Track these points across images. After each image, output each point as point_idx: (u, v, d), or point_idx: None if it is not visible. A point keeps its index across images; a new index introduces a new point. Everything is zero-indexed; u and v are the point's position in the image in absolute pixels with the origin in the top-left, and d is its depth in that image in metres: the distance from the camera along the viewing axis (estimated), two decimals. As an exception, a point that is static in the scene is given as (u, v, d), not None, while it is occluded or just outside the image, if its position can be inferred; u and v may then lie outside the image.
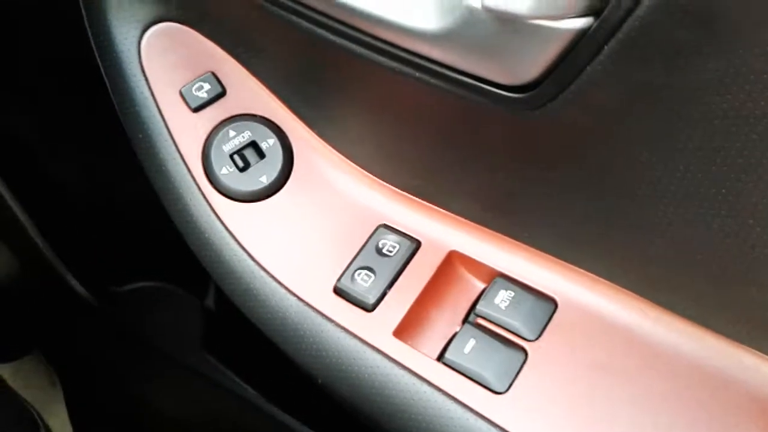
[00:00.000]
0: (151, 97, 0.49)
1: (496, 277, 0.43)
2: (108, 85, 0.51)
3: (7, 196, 0.74)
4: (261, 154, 0.48)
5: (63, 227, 0.79)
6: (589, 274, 0.41)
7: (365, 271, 0.44)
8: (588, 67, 0.31)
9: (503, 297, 0.42)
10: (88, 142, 0.75)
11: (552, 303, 0.41)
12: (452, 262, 0.44)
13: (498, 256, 0.43)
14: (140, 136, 0.50)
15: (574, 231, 0.40)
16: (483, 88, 0.35)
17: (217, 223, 0.47)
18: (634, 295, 0.40)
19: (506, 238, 0.43)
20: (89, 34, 0.50)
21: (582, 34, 0.30)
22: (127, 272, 0.81)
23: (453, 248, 0.44)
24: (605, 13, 0.29)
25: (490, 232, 0.43)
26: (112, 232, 0.79)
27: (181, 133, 0.49)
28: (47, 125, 0.74)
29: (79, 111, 0.70)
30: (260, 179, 0.47)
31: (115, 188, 0.78)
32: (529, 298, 0.41)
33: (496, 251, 0.43)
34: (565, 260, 0.41)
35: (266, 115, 0.49)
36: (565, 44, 0.31)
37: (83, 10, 0.50)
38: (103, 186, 0.79)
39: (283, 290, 0.45)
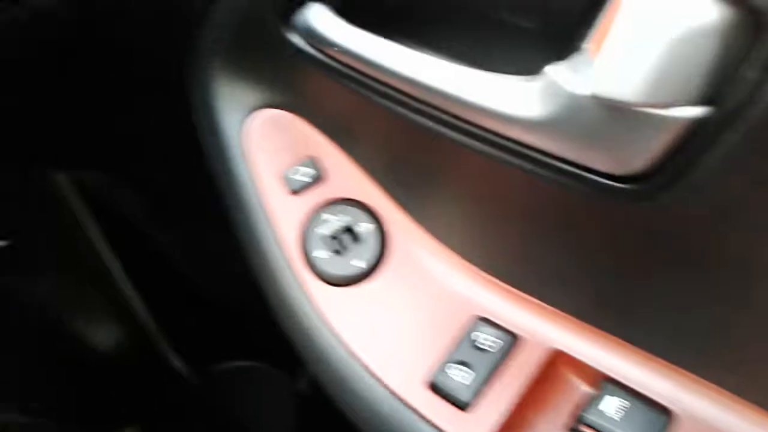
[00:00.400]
0: (252, 180, 0.50)
1: (603, 382, 0.39)
2: (212, 168, 0.52)
3: (120, 276, 0.77)
4: (357, 238, 0.47)
5: (168, 305, 0.81)
6: (709, 383, 0.37)
7: (460, 366, 0.42)
8: (704, 158, 0.28)
9: (612, 405, 0.38)
10: (195, 222, 0.77)
11: (666, 414, 0.37)
12: (555, 361, 0.41)
13: (605, 358, 0.39)
14: (240, 216, 0.50)
15: (690, 335, 0.36)
16: (587, 177, 0.33)
17: (310, 306, 0.47)
18: (762, 410, 0.35)
19: (614, 338, 0.39)
20: (195, 116, 0.53)
21: (697, 123, 0.28)
22: (224, 350, 0.82)
23: (556, 346, 0.41)
24: (723, 102, 0.26)
25: (596, 330, 0.40)
26: (213, 310, 0.81)
27: (280, 215, 0.49)
28: (158, 207, 0.78)
29: (189, 192, 0.74)
30: (355, 263, 0.47)
31: (217, 267, 0.80)
32: (642, 408, 0.37)
33: (603, 352, 0.40)
34: (681, 367, 0.37)
35: (363, 200, 0.48)
36: (678, 133, 0.28)
37: (191, 94, 0.53)
38: (207, 264, 0.81)
39: (374, 381, 0.43)
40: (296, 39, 0.45)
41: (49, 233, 0.87)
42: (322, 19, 0.43)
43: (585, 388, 0.40)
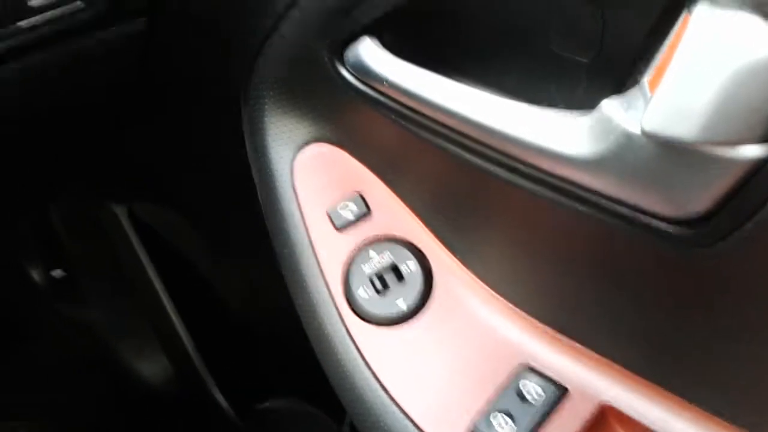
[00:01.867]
0: (299, 215, 0.50)
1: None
2: (261, 202, 0.52)
3: (172, 313, 0.78)
4: (400, 277, 0.46)
5: (215, 340, 0.82)
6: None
7: (503, 416, 0.40)
8: (770, 202, 0.26)
9: (665, 466, 0.35)
10: (246, 257, 0.78)
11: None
12: (604, 416, 0.39)
13: (658, 415, 0.37)
14: (285, 251, 0.50)
15: (747, 392, 0.33)
16: (640, 220, 0.31)
17: (351, 345, 0.46)
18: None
19: (667, 393, 0.37)
20: (247, 151, 0.53)
21: (763, 163, 0.26)
22: (268, 389, 0.81)
23: (606, 400, 0.39)
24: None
25: (649, 384, 0.37)
26: (259, 348, 0.80)
27: (324, 251, 0.48)
28: (211, 241, 0.79)
29: (241, 227, 0.74)
30: (398, 303, 0.45)
31: (266, 304, 0.80)
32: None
33: (657, 408, 0.37)
34: (738, 426, 0.35)
35: (408, 238, 0.47)
36: (740, 175, 0.27)
37: (243, 129, 0.53)
38: (256, 300, 0.81)
39: (413, 428, 0.42)
40: (346, 73, 0.45)
41: (102, 264, 0.89)
42: (372, 54, 0.43)
43: (636, 447, 0.38)
